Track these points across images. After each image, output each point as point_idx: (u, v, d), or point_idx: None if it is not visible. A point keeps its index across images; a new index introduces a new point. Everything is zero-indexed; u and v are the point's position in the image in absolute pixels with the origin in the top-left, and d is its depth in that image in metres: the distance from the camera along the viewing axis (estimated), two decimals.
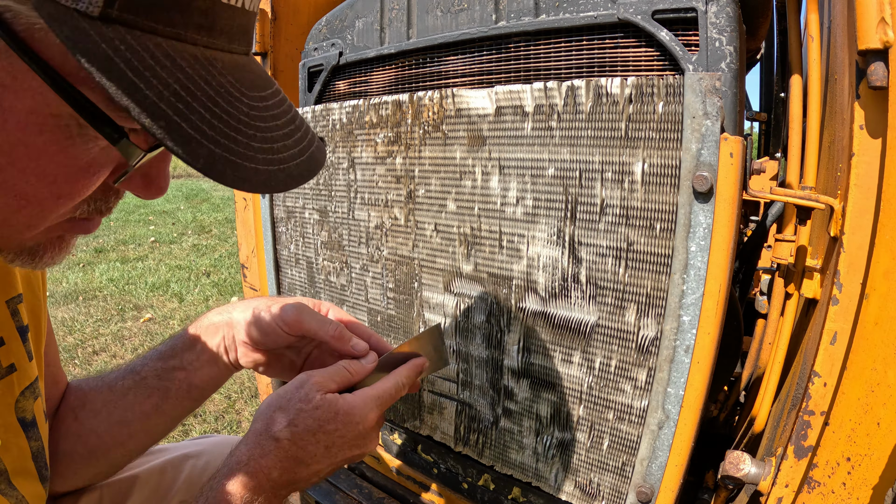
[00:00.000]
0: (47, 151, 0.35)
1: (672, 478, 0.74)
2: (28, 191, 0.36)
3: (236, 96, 0.36)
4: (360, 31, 1.08)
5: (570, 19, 0.79)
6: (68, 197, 0.38)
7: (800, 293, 0.80)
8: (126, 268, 4.94)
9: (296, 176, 0.39)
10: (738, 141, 0.64)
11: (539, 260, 0.82)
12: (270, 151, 0.37)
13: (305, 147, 0.41)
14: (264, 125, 0.38)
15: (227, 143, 0.34)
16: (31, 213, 0.38)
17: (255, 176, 0.35)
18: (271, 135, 0.38)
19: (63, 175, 0.37)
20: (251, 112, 0.37)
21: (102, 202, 0.43)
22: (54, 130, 0.35)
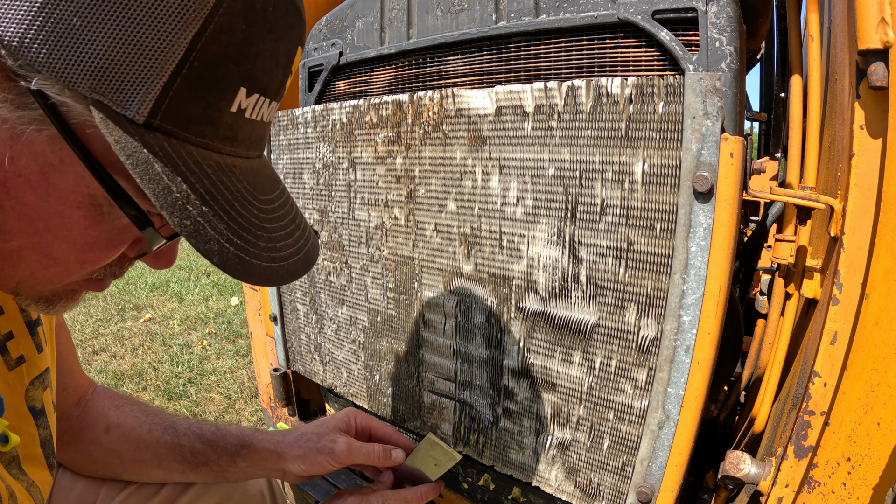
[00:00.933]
0: (80, 224, 0.41)
1: (672, 478, 0.74)
2: (57, 254, 0.42)
3: (249, 200, 0.42)
4: (360, 31, 1.08)
5: (571, 19, 0.79)
6: (91, 263, 0.44)
7: (800, 293, 0.80)
8: None
9: (292, 272, 0.45)
10: (738, 141, 0.64)
11: (539, 260, 0.82)
12: (274, 250, 0.43)
13: (303, 245, 0.47)
14: (270, 226, 0.44)
15: (240, 242, 0.40)
16: (56, 272, 0.43)
17: (260, 272, 0.41)
18: (275, 234, 0.44)
19: (90, 245, 0.43)
20: (260, 214, 0.43)
21: (117, 267, 0.49)
22: (89, 208, 0.40)
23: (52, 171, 0.38)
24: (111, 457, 0.78)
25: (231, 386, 2.57)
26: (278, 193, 0.47)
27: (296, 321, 1.29)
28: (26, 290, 0.46)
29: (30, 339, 0.61)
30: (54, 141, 0.37)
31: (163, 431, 0.79)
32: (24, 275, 0.43)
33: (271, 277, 0.42)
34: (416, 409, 1.05)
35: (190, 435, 0.79)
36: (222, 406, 2.40)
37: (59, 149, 0.37)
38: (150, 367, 2.77)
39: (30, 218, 0.39)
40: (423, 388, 1.03)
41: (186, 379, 2.64)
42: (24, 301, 0.48)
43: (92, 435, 0.78)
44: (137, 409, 0.82)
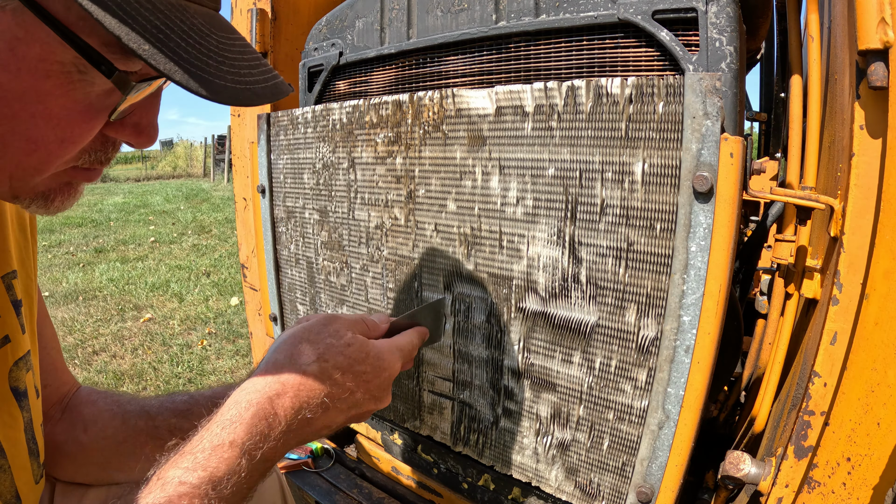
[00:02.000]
0: (52, 94, 0.41)
1: (672, 478, 0.74)
2: (36, 134, 0.42)
3: (206, 33, 0.43)
4: (360, 31, 1.08)
5: (571, 19, 0.79)
6: (70, 141, 0.44)
7: (800, 293, 0.80)
8: (126, 268, 4.94)
9: (260, 94, 0.44)
10: (738, 141, 0.64)
11: (539, 260, 0.82)
12: (238, 75, 0.43)
13: (271, 77, 0.47)
14: (231, 56, 0.44)
15: (200, 64, 0.40)
16: (40, 157, 0.44)
17: (224, 91, 0.41)
18: (238, 64, 0.44)
19: (66, 118, 0.43)
20: (220, 45, 0.44)
21: (102, 153, 0.49)
22: (59, 76, 0.41)
23: (19, 44, 0.39)
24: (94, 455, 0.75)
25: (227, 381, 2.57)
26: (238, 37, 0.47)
27: (296, 321, 1.29)
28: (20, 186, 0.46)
29: (15, 318, 0.61)
30: (18, 13, 0.38)
31: (137, 418, 0.75)
32: (11, 167, 0.44)
33: (237, 96, 0.42)
34: (416, 408, 1.05)
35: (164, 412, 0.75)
36: None
37: (24, 20, 0.38)
38: (150, 367, 2.77)
39: (5, 100, 0.40)
40: (423, 388, 1.03)
41: (186, 379, 2.64)
42: (23, 202, 0.48)
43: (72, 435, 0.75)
44: (111, 401, 0.79)
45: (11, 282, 0.62)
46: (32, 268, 0.69)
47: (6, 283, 0.60)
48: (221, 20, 0.47)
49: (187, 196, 11.46)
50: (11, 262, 0.62)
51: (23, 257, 0.66)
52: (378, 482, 1.18)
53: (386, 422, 1.18)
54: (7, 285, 0.61)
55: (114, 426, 0.76)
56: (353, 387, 0.57)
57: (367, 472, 1.22)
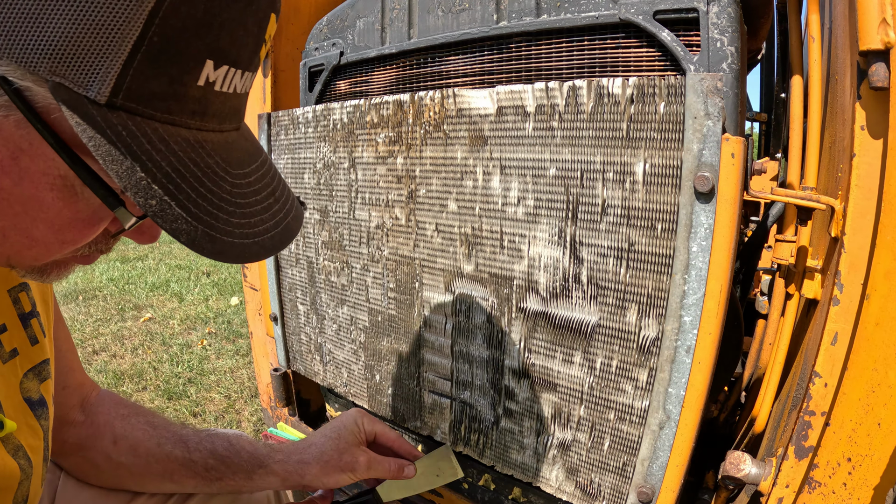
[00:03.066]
0: (55, 206, 0.41)
1: (673, 478, 0.74)
2: (37, 235, 0.42)
3: (221, 175, 0.41)
4: (361, 31, 1.08)
5: (572, 19, 0.79)
6: (71, 243, 0.45)
7: (800, 294, 0.80)
8: (126, 267, 4.94)
9: (268, 248, 0.44)
10: (739, 141, 0.64)
11: (540, 260, 0.82)
12: (247, 226, 0.42)
13: (281, 219, 0.46)
14: (244, 201, 0.43)
15: (209, 219, 0.39)
16: (39, 251, 0.44)
17: (231, 249, 0.40)
18: (250, 210, 0.43)
19: (67, 226, 0.43)
20: (233, 190, 0.42)
21: (102, 244, 0.49)
22: (62, 189, 0.40)
23: (22, 155, 0.38)
24: (120, 469, 0.77)
25: (231, 386, 2.57)
26: (256, 166, 0.46)
27: (296, 321, 1.29)
28: (17, 265, 0.47)
29: (23, 332, 0.61)
30: (22, 125, 0.37)
31: (173, 446, 0.78)
32: (10, 252, 0.44)
33: (244, 254, 0.41)
34: (417, 409, 1.05)
35: (202, 450, 0.78)
36: (222, 406, 2.40)
37: (28, 133, 0.37)
38: (150, 367, 2.77)
39: (7, 202, 0.39)
40: (424, 388, 1.03)
41: (186, 379, 2.64)
42: (19, 272, 0.48)
43: (100, 445, 0.77)
44: (144, 421, 0.81)
45: (18, 295, 0.62)
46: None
47: (13, 297, 0.61)
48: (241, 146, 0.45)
49: None
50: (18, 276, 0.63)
51: None
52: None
53: (386, 422, 1.18)
54: (14, 298, 0.61)
55: (146, 447, 0.78)
56: None
57: None
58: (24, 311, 0.62)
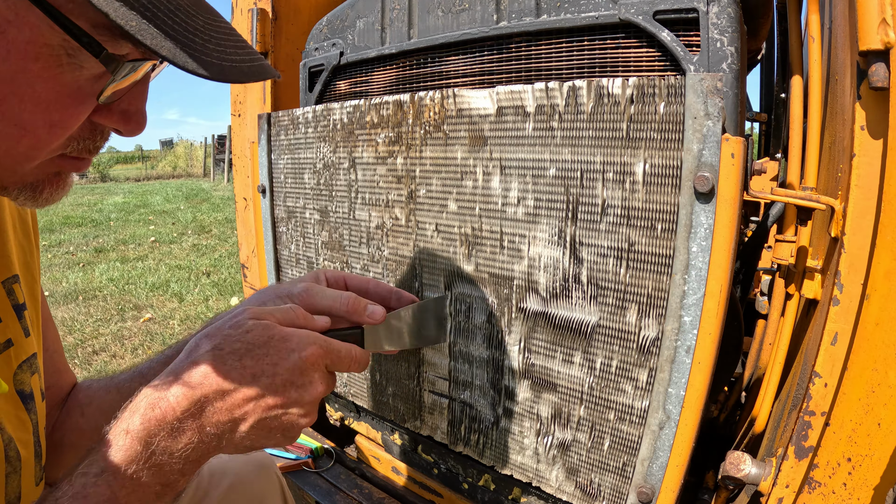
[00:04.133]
0: (41, 77, 0.41)
1: (673, 478, 0.74)
2: (26, 119, 0.42)
3: (192, 13, 0.43)
4: (360, 31, 1.08)
5: (572, 19, 0.79)
6: (59, 125, 0.44)
7: (800, 294, 0.80)
8: (126, 268, 4.94)
9: (246, 72, 0.45)
10: (739, 141, 0.64)
11: (540, 260, 0.82)
12: (224, 53, 0.44)
13: (256, 59, 0.47)
14: (217, 36, 0.44)
15: (186, 41, 0.41)
16: (29, 143, 0.44)
17: (212, 66, 0.41)
18: (224, 43, 0.44)
19: (55, 101, 0.43)
20: (206, 25, 0.44)
21: (90, 140, 0.49)
22: (48, 58, 0.41)
23: (9, 27, 0.39)
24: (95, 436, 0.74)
25: None
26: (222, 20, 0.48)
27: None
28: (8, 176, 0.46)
29: (17, 322, 0.61)
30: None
31: (130, 382, 0.73)
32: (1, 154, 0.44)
33: (224, 72, 0.42)
34: (417, 408, 1.05)
35: (154, 367, 0.71)
36: None
37: (13, 3, 0.39)
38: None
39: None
40: (424, 388, 1.03)
41: None
42: (11, 193, 0.48)
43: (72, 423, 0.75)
44: (105, 380, 0.78)
45: (12, 286, 0.62)
46: (36, 269, 0.69)
47: (7, 288, 0.60)
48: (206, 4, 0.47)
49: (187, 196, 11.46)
50: (12, 267, 0.62)
51: (27, 260, 0.66)
52: (378, 482, 1.18)
53: (386, 422, 1.18)
54: (8, 290, 0.61)
55: (109, 399, 0.74)
56: (255, 370, 0.53)
57: (368, 473, 1.22)
58: (17, 303, 0.62)
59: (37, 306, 0.67)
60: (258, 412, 0.53)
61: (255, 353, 0.53)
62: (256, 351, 0.53)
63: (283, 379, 0.54)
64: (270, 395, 0.53)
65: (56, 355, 0.77)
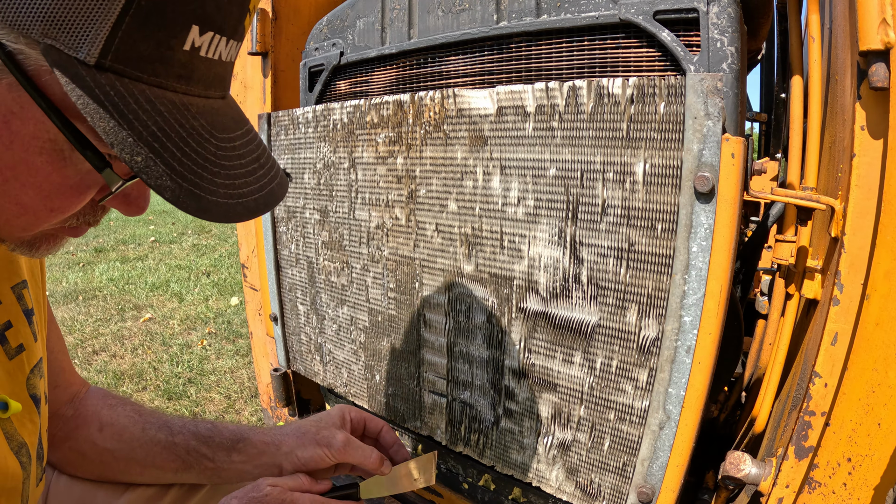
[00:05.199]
0: (44, 170, 0.42)
1: (673, 478, 0.74)
2: (26, 201, 0.43)
3: (206, 137, 0.42)
4: (361, 31, 1.08)
5: (572, 19, 0.79)
6: (59, 210, 0.45)
7: (800, 294, 0.80)
8: (126, 267, 4.94)
9: (252, 209, 0.44)
10: (739, 141, 0.64)
11: (540, 260, 0.82)
12: (232, 187, 0.43)
13: (266, 184, 0.47)
14: (229, 164, 0.44)
15: (193, 178, 0.40)
16: (28, 220, 0.45)
17: (216, 207, 0.41)
18: (234, 172, 0.44)
19: (56, 192, 0.43)
20: (218, 152, 0.43)
21: (90, 216, 0.50)
22: (51, 153, 0.41)
23: (13, 118, 0.39)
24: (105, 455, 0.78)
25: (231, 386, 2.57)
26: (242, 133, 0.47)
27: (296, 321, 1.29)
28: (7, 237, 0.48)
29: (27, 328, 0.62)
30: (13, 88, 0.38)
31: (157, 430, 0.79)
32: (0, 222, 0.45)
33: (228, 213, 0.42)
34: (417, 409, 1.05)
35: (185, 433, 0.79)
36: (222, 406, 2.40)
37: (19, 96, 0.38)
38: (150, 367, 2.77)
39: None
40: (424, 389, 1.03)
41: (186, 379, 2.64)
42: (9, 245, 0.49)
43: (86, 433, 0.78)
44: (131, 409, 0.82)
45: (22, 291, 0.63)
46: (41, 275, 0.70)
47: (17, 294, 0.61)
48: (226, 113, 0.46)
49: None
50: (21, 273, 0.63)
51: (31, 266, 0.67)
52: None
53: (386, 422, 1.18)
54: (18, 295, 0.61)
55: (131, 432, 0.78)
56: None
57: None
58: (27, 308, 0.63)
59: (42, 311, 0.69)
60: None
61: None
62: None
63: None
64: None
65: (60, 355, 0.78)
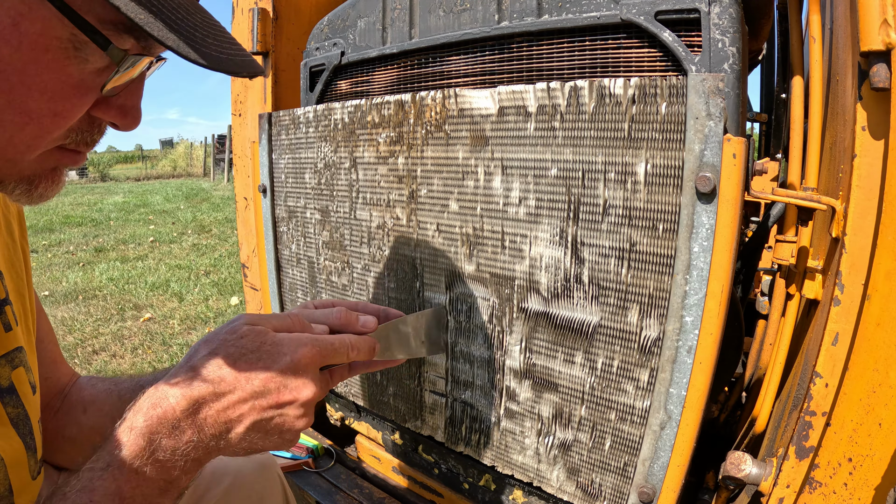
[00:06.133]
0: (49, 68, 0.43)
1: (674, 478, 0.74)
2: (32, 107, 0.44)
3: (191, 11, 0.46)
4: (362, 31, 1.08)
5: (573, 20, 0.79)
6: (62, 115, 0.46)
7: (801, 294, 0.80)
8: (126, 267, 4.94)
9: (240, 65, 0.48)
10: (741, 142, 0.64)
11: (542, 260, 0.82)
12: (220, 47, 0.47)
13: (247, 56, 0.51)
14: (213, 31, 0.48)
15: (187, 34, 0.44)
16: (32, 131, 0.46)
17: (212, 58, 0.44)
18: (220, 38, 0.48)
19: (60, 91, 0.45)
20: (203, 22, 0.47)
21: (88, 133, 0.51)
22: (56, 50, 0.43)
23: (22, 19, 0.41)
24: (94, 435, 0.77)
25: None
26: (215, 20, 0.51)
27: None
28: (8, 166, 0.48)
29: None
30: None
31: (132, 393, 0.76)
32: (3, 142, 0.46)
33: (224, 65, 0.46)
34: (417, 408, 1.05)
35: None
36: None
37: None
38: (150, 367, 2.76)
39: (4, 73, 0.42)
40: (425, 388, 1.03)
41: None
42: (7, 187, 0.49)
43: (72, 418, 0.78)
44: (109, 382, 0.82)
45: None
46: (23, 267, 0.70)
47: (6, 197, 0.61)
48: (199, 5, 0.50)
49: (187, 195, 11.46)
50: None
51: (10, 258, 0.68)
52: (378, 482, 1.18)
53: (387, 422, 1.18)
54: None
55: (111, 403, 0.78)
56: (249, 373, 0.55)
57: (368, 472, 1.22)
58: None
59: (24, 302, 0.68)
60: (253, 414, 0.55)
61: (249, 357, 0.55)
62: (250, 355, 0.55)
63: (276, 382, 0.56)
64: (264, 396, 0.55)
65: (51, 346, 0.79)
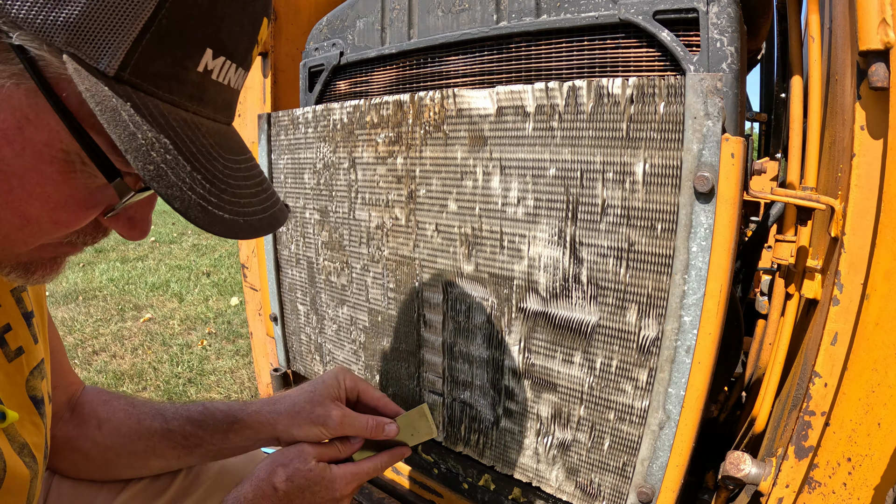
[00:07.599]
0: (53, 180, 0.42)
1: (673, 478, 0.74)
2: (31, 213, 0.43)
3: (214, 156, 0.44)
4: (360, 31, 1.08)
5: (572, 19, 0.79)
6: (64, 224, 0.45)
7: (800, 294, 0.80)
8: (126, 268, 4.94)
9: (257, 227, 0.46)
10: (739, 141, 0.64)
11: (540, 260, 0.82)
12: (238, 205, 0.44)
13: (269, 206, 0.49)
14: (235, 183, 0.45)
15: (202, 192, 0.41)
16: (30, 232, 0.44)
17: (222, 223, 0.42)
18: (240, 191, 0.45)
19: (63, 203, 0.43)
20: (225, 170, 0.44)
21: (91, 236, 0.50)
22: (62, 163, 0.42)
23: (28, 125, 0.39)
24: (108, 453, 0.78)
25: (231, 386, 2.57)
26: (245, 158, 0.49)
27: (296, 321, 1.29)
28: (4, 255, 0.47)
29: (27, 330, 0.62)
30: (31, 95, 0.39)
31: (151, 420, 0.80)
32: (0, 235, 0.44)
33: (234, 229, 0.43)
34: None
35: (179, 419, 0.80)
36: None
37: (36, 103, 0.39)
38: (150, 367, 2.77)
39: (5, 174, 0.40)
40: (424, 388, 1.03)
41: (186, 379, 2.64)
42: (3, 270, 0.48)
43: (86, 433, 0.79)
44: (125, 402, 0.83)
45: (21, 294, 0.63)
46: None
47: (16, 297, 0.62)
48: (232, 138, 0.48)
49: None
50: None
51: None
52: (378, 482, 1.18)
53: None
54: (17, 298, 0.62)
55: (128, 425, 0.79)
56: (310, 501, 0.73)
57: None
58: (26, 311, 0.63)
59: (42, 313, 0.69)
60: None
61: (313, 488, 0.73)
62: (313, 487, 0.73)
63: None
64: None
65: (59, 355, 0.79)
